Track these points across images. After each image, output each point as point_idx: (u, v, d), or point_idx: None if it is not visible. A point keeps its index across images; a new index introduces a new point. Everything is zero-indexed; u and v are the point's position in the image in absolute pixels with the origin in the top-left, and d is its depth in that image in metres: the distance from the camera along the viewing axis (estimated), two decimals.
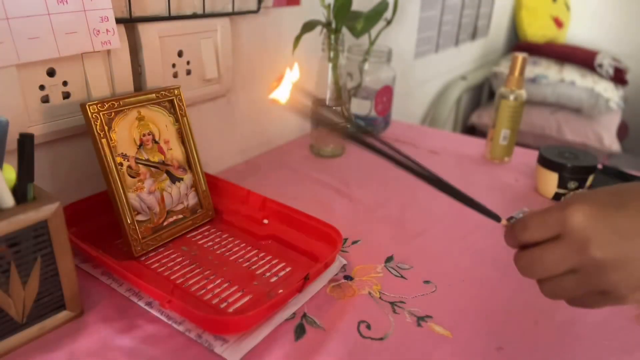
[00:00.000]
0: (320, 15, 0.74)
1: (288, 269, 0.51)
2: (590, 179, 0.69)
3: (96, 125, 0.48)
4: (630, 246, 0.28)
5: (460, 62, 1.67)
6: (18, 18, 0.45)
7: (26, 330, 0.40)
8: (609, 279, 0.29)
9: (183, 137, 0.57)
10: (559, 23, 2.10)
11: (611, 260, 0.29)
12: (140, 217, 0.52)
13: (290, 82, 0.40)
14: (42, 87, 0.50)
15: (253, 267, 0.51)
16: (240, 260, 0.53)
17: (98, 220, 0.55)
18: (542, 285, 0.34)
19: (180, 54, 0.63)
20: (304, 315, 0.45)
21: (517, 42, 2.03)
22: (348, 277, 0.51)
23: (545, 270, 0.32)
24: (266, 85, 0.80)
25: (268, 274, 0.50)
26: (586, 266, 0.30)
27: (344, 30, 0.76)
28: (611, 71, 1.80)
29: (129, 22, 0.55)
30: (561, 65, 1.83)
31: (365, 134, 0.40)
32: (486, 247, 0.58)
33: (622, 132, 1.89)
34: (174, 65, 0.62)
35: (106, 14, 0.51)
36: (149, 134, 0.53)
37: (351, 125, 0.60)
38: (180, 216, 0.57)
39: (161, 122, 0.55)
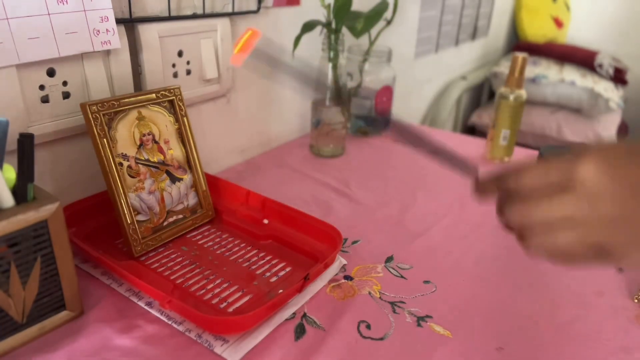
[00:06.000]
0: (320, 15, 0.74)
1: (288, 269, 0.51)
2: None
3: (96, 125, 0.48)
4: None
5: (460, 62, 1.67)
6: (18, 18, 0.45)
7: (26, 330, 0.40)
8: (612, 235, 0.28)
9: (183, 137, 0.57)
10: (559, 23, 2.10)
11: (619, 217, 0.28)
12: (140, 217, 0.52)
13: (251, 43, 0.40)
14: (42, 87, 0.50)
15: (253, 267, 0.51)
16: (240, 260, 0.53)
17: (98, 220, 0.55)
18: (532, 238, 0.31)
19: (180, 54, 0.63)
20: (304, 315, 0.45)
21: (517, 42, 2.03)
22: (348, 277, 0.51)
23: (543, 216, 0.30)
24: (266, 85, 0.80)
25: (268, 274, 0.50)
26: (592, 220, 0.28)
27: (344, 30, 0.76)
28: (611, 71, 1.80)
29: (129, 22, 0.55)
30: (561, 65, 1.83)
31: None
32: (486, 247, 0.58)
33: (622, 132, 1.89)
34: (174, 65, 0.62)
35: (106, 14, 0.51)
36: (149, 134, 0.53)
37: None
38: (180, 216, 0.57)
39: (161, 122, 0.55)
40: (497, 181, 0.33)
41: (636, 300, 0.49)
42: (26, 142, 0.38)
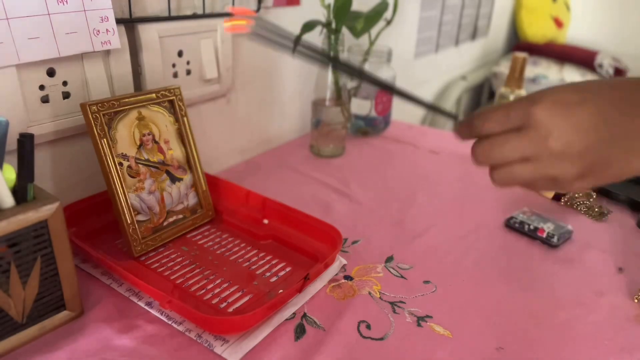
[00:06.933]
0: (320, 15, 0.74)
1: (288, 269, 0.51)
2: None
3: (96, 125, 0.48)
4: (585, 140, 0.32)
5: (460, 62, 1.67)
6: (18, 18, 0.45)
7: (26, 330, 0.40)
8: (561, 167, 0.33)
9: (183, 137, 0.57)
10: (559, 23, 2.10)
11: (566, 151, 0.32)
12: (140, 217, 0.52)
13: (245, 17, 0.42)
14: (42, 87, 0.50)
15: (253, 267, 0.51)
16: (240, 260, 0.53)
17: (98, 220, 0.55)
18: (495, 173, 0.36)
19: (180, 54, 0.63)
20: (304, 315, 0.45)
21: (517, 42, 2.03)
22: (348, 277, 0.51)
23: (503, 157, 0.35)
24: (266, 85, 0.80)
25: (268, 274, 0.50)
26: (543, 155, 0.33)
27: (344, 30, 0.76)
28: (611, 71, 1.80)
29: (129, 22, 0.55)
30: (561, 65, 1.83)
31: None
32: (486, 247, 0.58)
33: None
34: (174, 65, 0.62)
35: (106, 14, 0.51)
36: (149, 134, 0.53)
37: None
38: (180, 216, 0.57)
39: (161, 122, 0.55)
40: (468, 125, 0.37)
41: (636, 300, 0.49)
42: (26, 142, 0.38)
